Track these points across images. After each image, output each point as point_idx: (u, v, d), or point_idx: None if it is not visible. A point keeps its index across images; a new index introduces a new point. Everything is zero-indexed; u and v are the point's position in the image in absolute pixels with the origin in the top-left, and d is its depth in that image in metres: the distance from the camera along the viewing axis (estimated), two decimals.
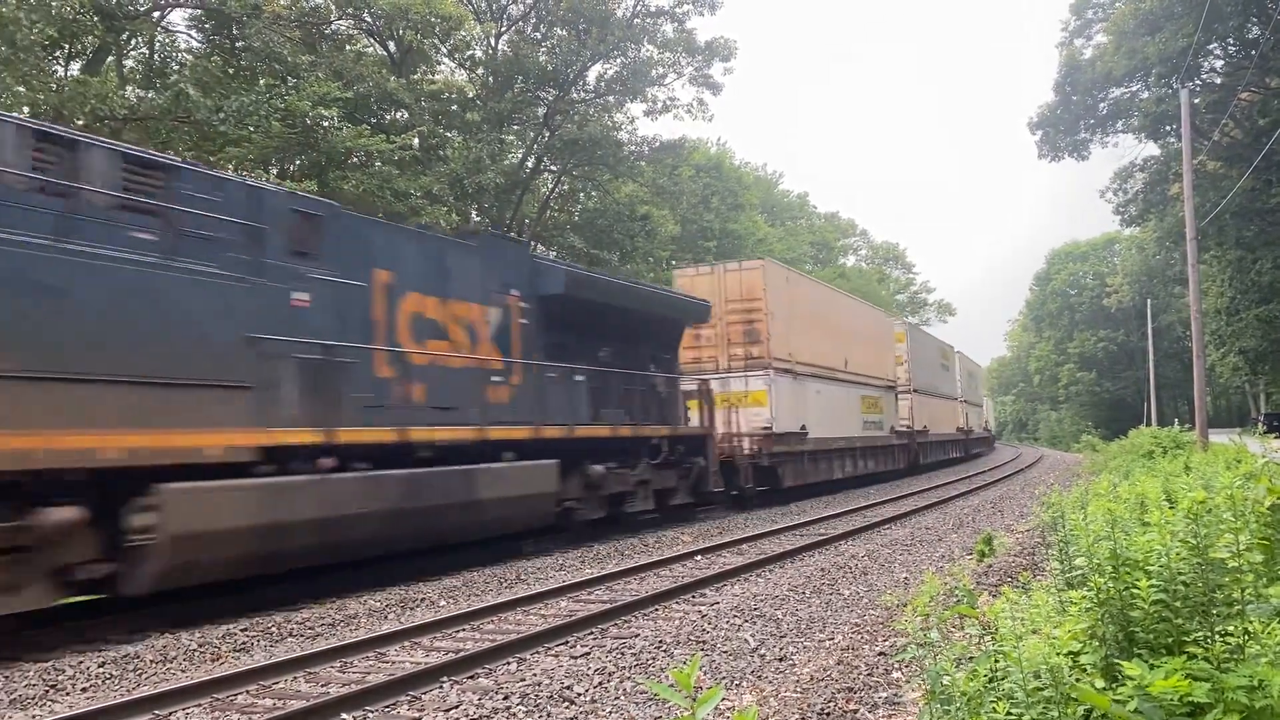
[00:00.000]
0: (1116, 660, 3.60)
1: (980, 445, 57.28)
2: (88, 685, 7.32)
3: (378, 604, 10.44)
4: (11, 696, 6.98)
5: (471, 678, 7.04)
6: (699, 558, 13.40)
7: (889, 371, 33.03)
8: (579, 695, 6.43)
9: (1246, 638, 3.44)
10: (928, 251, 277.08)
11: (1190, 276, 24.31)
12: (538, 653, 7.81)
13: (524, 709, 6.16)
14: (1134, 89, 44.61)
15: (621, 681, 6.76)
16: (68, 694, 7.10)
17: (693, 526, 18.11)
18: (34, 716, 6.45)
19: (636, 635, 8.37)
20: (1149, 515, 4.35)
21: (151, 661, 7.98)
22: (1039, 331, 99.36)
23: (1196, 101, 37.48)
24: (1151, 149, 47.14)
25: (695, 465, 19.15)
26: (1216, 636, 3.57)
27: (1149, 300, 64.71)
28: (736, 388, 22.07)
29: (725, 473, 20.57)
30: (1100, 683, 3.52)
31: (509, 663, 7.48)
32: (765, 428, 22.03)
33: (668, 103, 38.93)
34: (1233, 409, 79.41)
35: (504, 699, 6.39)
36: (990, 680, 3.78)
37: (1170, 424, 38.52)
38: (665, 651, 7.68)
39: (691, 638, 8.16)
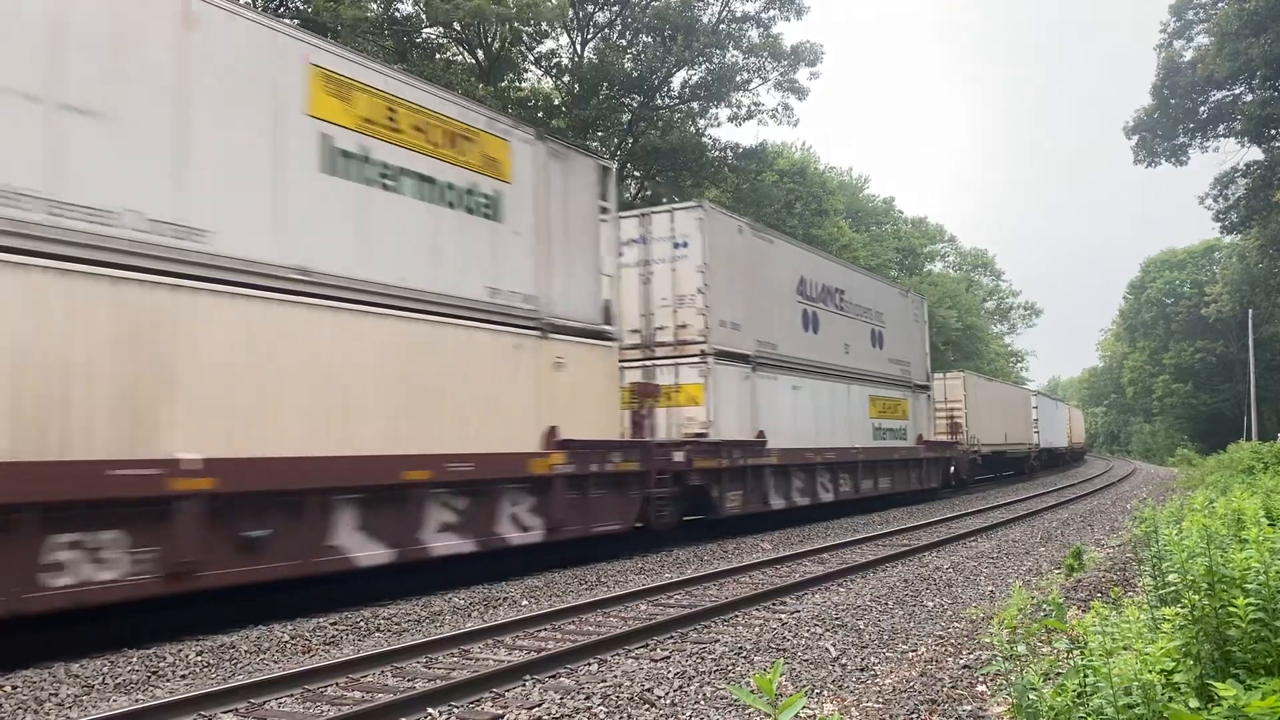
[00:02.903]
0: (1211, 680, 3.53)
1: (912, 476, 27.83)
2: (186, 672, 7.60)
3: (462, 602, 10.64)
4: (116, 681, 7.29)
5: (554, 677, 7.13)
6: (778, 565, 13.35)
7: None
8: (660, 698, 6.48)
9: None
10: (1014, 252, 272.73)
11: None
12: (618, 654, 7.88)
13: (605, 710, 6.22)
14: (1236, 91, 43.09)
15: (702, 686, 6.79)
16: (168, 680, 7.39)
17: (773, 534, 18.07)
18: (137, 700, 6.73)
19: (716, 641, 8.39)
20: (1247, 532, 4.24)
21: (246, 651, 8.26)
22: (1132, 342, 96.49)
23: None
24: (1254, 153, 45.51)
25: None
26: None
27: (1250, 310, 62.37)
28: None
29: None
30: (1194, 702, 3.45)
31: (590, 663, 7.57)
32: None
33: (752, 108, 38.86)
34: None
35: (585, 699, 6.47)
36: (1079, 695, 3.72)
37: (1272, 439, 37.11)
38: (745, 658, 7.68)
39: (771, 645, 8.15)
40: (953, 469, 31.22)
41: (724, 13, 36.56)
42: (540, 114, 34.21)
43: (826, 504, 21.58)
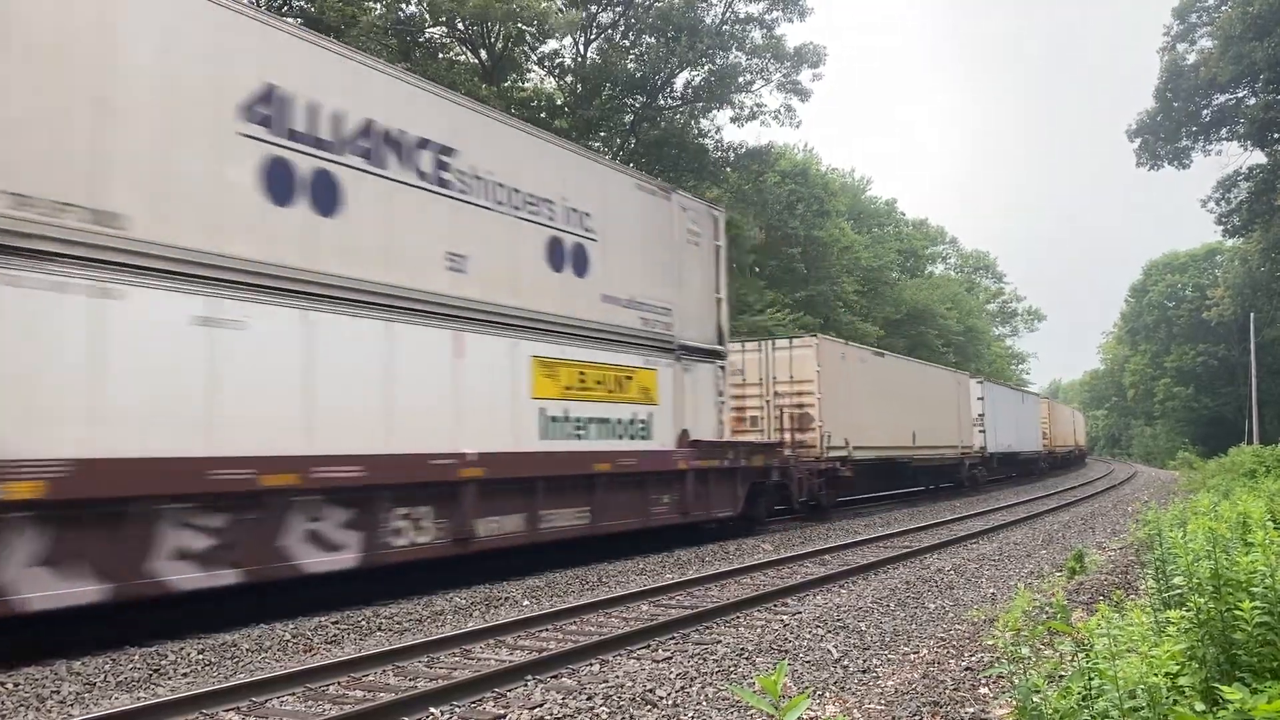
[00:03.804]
0: (1217, 683, 3.52)
1: None
2: (188, 671, 7.60)
3: (463, 601, 10.63)
4: (118, 679, 7.29)
5: (555, 677, 7.13)
6: (779, 567, 13.35)
7: None
8: (662, 699, 6.47)
9: None
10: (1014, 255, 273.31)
11: None
12: (620, 655, 7.87)
13: (607, 710, 6.22)
14: (1240, 95, 43.12)
15: (704, 687, 6.78)
16: (170, 678, 7.39)
17: (773, 536, 18.04)
18: (139, 698, 6.73)
19: (718, 642, 8.38)
20: (1252, 535, 4.23)
21: (248, 650, 8.26)
22: (1134, 345, 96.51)
23: None
24: (1257, 157, 45.51)
25: None
26: None
27: (1252, 314, 62.36)
28: None
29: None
30: (1200, 706, 3.44)
31: (592, 664, 7.56)
32: None
33: (755, 109, 38.84)
34: None
35: (587, 699, 6.46)
36: (1083, 698, 3.71)
37: (1274, 443, 37.10)
38: (747, 659, 7.68)
39: (773, 646, 8.14)
40: (790, 487, 20.01)
41: (727, 14, 36.55)
42: (543, 114, 34.21)
43: (328, 574, 10.20)
